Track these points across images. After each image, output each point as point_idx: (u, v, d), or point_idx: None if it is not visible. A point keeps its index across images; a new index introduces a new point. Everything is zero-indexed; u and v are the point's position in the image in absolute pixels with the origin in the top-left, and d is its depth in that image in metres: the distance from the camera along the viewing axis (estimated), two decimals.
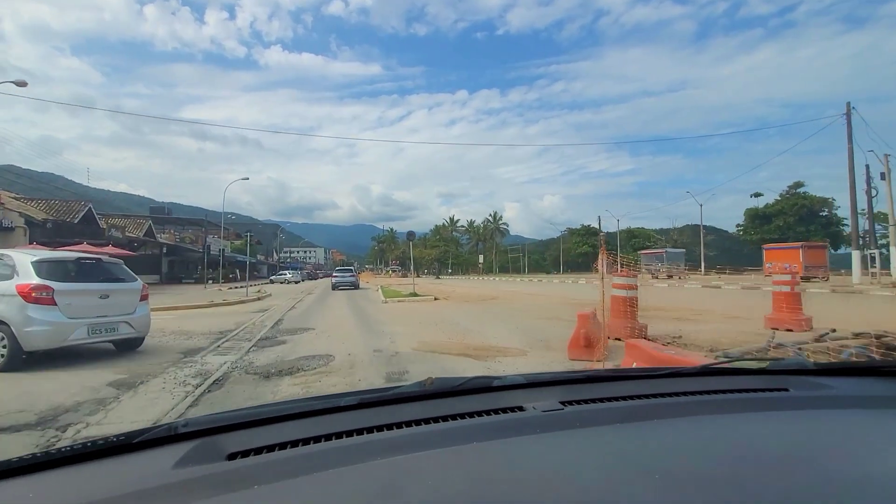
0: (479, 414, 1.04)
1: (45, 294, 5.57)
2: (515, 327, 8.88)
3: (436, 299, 16.53)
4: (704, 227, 51.24)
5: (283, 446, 0.89)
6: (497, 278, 61.06)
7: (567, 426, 0.97)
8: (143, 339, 6.90)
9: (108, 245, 21.80)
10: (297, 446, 0.89)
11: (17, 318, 5.42)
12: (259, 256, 72.37)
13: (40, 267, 5.81)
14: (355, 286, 28.67)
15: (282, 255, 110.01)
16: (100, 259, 6.78)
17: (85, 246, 20.31)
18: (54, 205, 26.57)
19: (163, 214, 56.14)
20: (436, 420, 1.00)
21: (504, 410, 1.06)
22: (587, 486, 0.74)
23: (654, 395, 1.18)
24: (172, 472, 0.80)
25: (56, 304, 5.61)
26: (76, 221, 25.71)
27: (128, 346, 6.74)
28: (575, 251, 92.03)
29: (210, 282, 39.09)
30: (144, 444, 0.90)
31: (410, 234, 19.11)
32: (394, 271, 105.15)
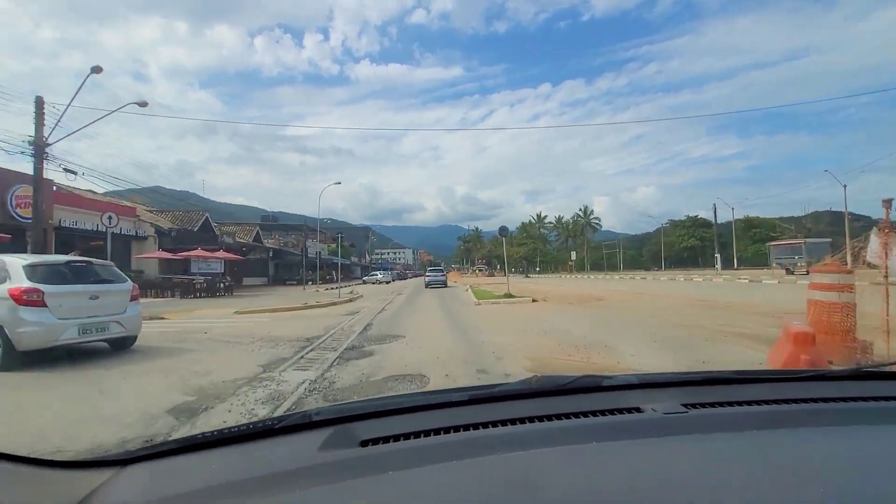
0: (594, 414, 1.01)
1: (35, 297, 5.69)
2: (651, 340, 6.99)
3: (534, 301, 14.87)
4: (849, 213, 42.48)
5: (407, 436, 0.95)
6: (591, 276, 57.00)
7: (693, 430, 0.93)
8: (134, 337, 6.99)
9: (219, 250, 23.55)
10: (420, 437, 0.95)
11: (10, 320, 5.56)
12: (353, 258, 76.01)
13: (31, 271, 5.92)
14: (444, 284, 31.55)
15: (373, 256, 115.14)
16: (90, 262, 6.86)
17: (199, 251, 22.01)
18: (178, 216, 29.61)
19: (270, 222, 61.37)
20: (548, 418, 1.00)
21: (619, 411, 1.02)
22: (722, 498, 0.69)
23: (798, 401, 1.09)
24: (317, 454, 0.89)
25: (46, 306, 5.73)
26: (195, 229, 28.35)
27: (120, 346, 6.85)
28: (678, 245, 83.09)
29: (309, 283, 41.27)
30: (285, 430, 1.01)
31: (503, 230, 17.54)
32: (480, 270, 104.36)
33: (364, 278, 51.97)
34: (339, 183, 32.21)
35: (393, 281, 59.44)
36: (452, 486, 0.77)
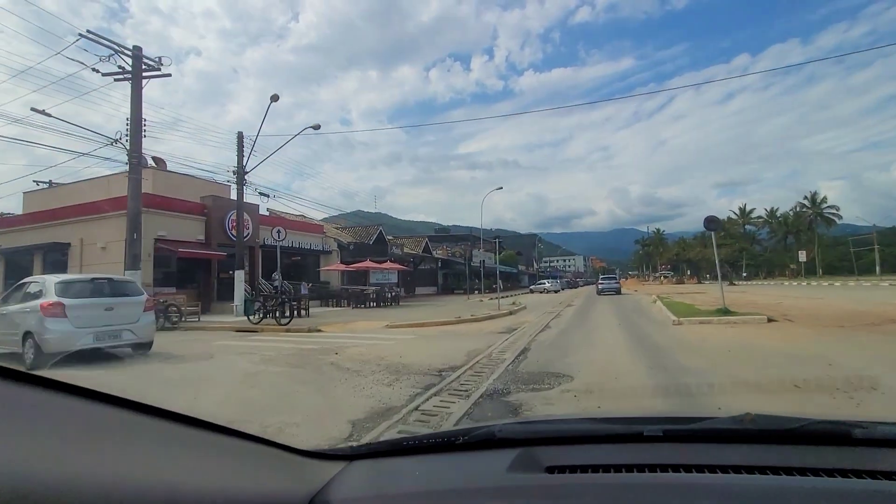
0: (835, 473, 0.80)
1: (57, 309, 6.61)
2: None
3: (770, 320, 10.21)
4: None
5: (596, 468, 0.91)
6: (830, 283, 42.74)
7: None
8: (149, 343, 7.73)
9: (386, 261, 24.36)
10: (609, 472, 0.90)
11: (38, 329, 6.57)
12: (520, 266, 74.37)
13: (59, 287, 6.87)
14: (618, 291, 31.85)
15: (541, 264, 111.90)
16: (111, 279, 7.79)
17: (367, 262, 23.02)
18: (357, 231, 32.36)
19: (441, 234, 64.69)
20: (762, 470, 0.83)
21: (874, 474, 0.79)
22: None
23: None
24: (506, 475, 0.91)
25: (66, 317, 6.63)
26: (371, 242, 30.42)
27: (139, 349, 7.64)
28: None
29: (476, 292, 40.92)
30: (473, 444, 1.07)
31: (712, 221, 12.76)
32: (665, 277, 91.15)
33: (531, 287, 49.55)
34: (501, 188, 30.97)
35: (563, 290, 55.41)
36: None
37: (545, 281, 48.41)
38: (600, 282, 34.41)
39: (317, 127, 18.58)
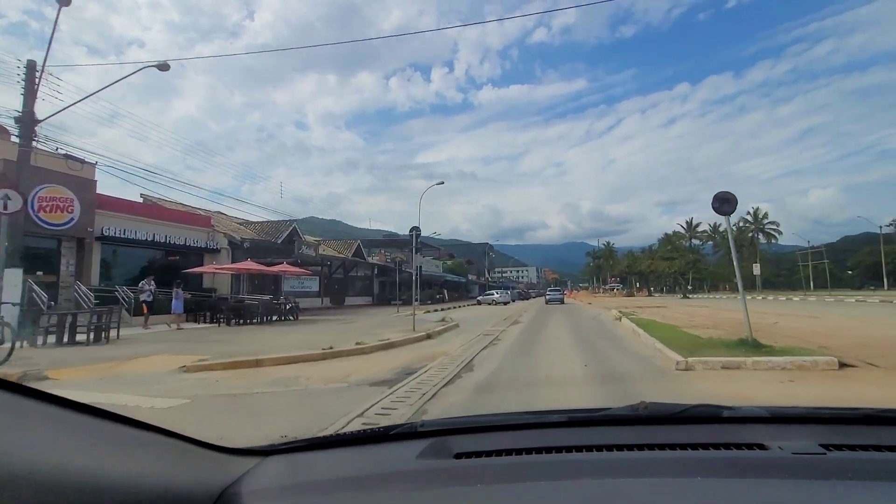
0: (706, 447, 0.93)
1: None
2: None
3: (844, 365, 5.92)
4: None
5: (499, 453, 0.96)
6: (787, 298, 41.43)
7: (832, 476, 0.79)
8: None
9: (282, 262, 18.73)
10: (514, 455, 0.95)
11: None
12: (471, 276, 70.21)
13: None
14: (561, 301, 37.56)
15: (493, 274, 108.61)
16: None
17: (249, 262, 17.47)
18: (265, 226, 26.50)
19: (391, 238, 58.97)
20: (651, 447, 0.94)
21: (738, 447, 0.92)
22: None
23: None
24: (415, 462, 0.95)
25: None
26: (279, 241, 24.69)
27: None
28: None
29: (416, 303, 35.86)
30: (398, 436, 1.11)
31: (726, 201, 8.30)
32: (615, 289, 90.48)
33: (478, 298, 45.08)
34: (443, 183, 26.37)
35: (513, 301, 51.51)
36: None
37: (494, 292, 44.12)
38: (548, 293, 40.93)
39: (164, 67, 13.05)
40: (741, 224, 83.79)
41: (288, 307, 17.35)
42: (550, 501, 0.77)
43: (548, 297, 40.00)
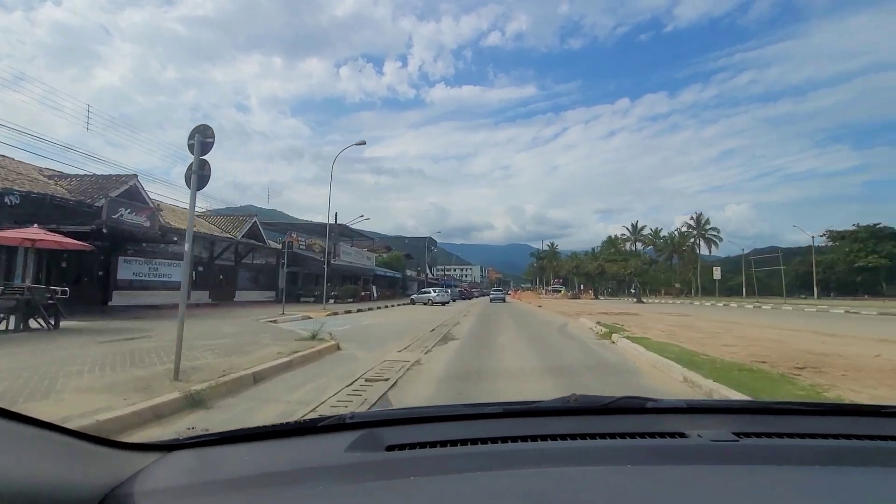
0: (632, 436, 0.97)
1: None
2: None
3: None
4: None
5: (433, 444, 0.94)
6: (725, 304, 38.39)
7: (743, 461, 0.86)
8: None
9: (35, 227, 10.49)
10: (447, 446, 0.93)
11: None
12: (410, 272, 63.31)
13: None
14: (503, 300, 42.22)
15: (437, 271, 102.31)
16: None
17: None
18: (84, 182, 17.89)
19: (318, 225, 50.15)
20: (582, 437, 0.97)
21: (661, 435, 0.97)
22: None
23: (869, 437, 0.99)
24: (345, 454, 0.90)
25: None
26: (93, 202, 16.24)
27: None
28: (842, 265, 60.23)
29: (331, 301, 28.35)
30: (324, 429, 1.04)
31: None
32: (557, 290, 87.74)
33: (412, 297, 38.31)
34: (364, 143, 19.46)
35: (453, 301, 45.28)
36: (474, 496, 0.75)
37: (430, 289, 37.34)
38: (492, 292, 46.21)
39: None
40: (684, 229, 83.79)
41: (37, 304, 9.43)
42: (484, 491, 0.76)
43: (492, 296, 45.05)
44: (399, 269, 53.94)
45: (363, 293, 37.46)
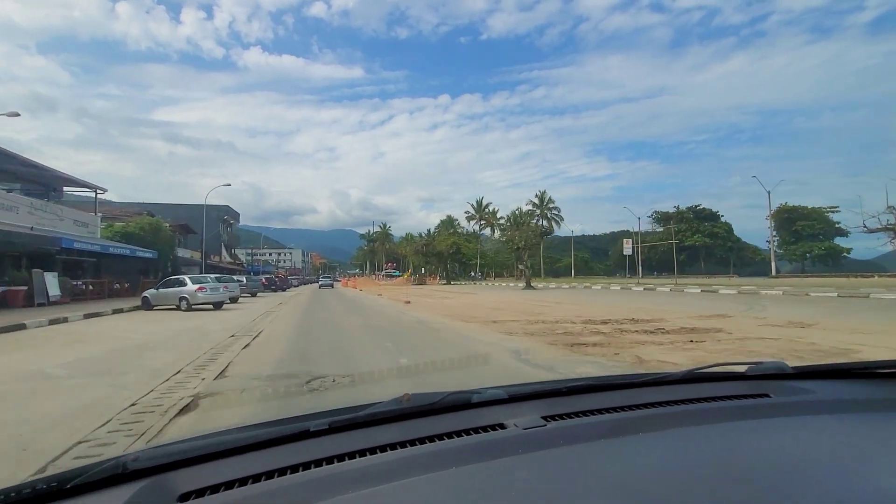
0: (458, 434, 0.95)
1: None
2: None
3: None
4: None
5: (243, 482, 0.77)
6: (575, 285, 31.70)
7: (549, 444, 0.88)
8: None
9: None
10: (261, 481, 0.77)
11: None
12: (186, 252, 41.41)
13: None
14: (331, 286, 45.84)
15: (248, 255, 78.67)
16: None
17: None
18: None
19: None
20: (412, 443, 0.91)
21: (484, 429, 0.97)
22: None
23: (638, 406, 1.08)
24: None
25: None
26: None
27: None
28: (666, 245, 63.89)
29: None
30: (82, 488, 0.75)
31: None
32: (390, 276, 76.15)
33: (147, 294, 19.02)
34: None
35: (255, 294, 27.71)
36: None
37: (188, 279, 18.24)
38: (321, 279, 50.60)
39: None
40: (528, 208, 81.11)
41: None
42: None
43: (320, 283, 47.93)
44: (162, 248, 32.50)
45: (74, 283, 17.06)
